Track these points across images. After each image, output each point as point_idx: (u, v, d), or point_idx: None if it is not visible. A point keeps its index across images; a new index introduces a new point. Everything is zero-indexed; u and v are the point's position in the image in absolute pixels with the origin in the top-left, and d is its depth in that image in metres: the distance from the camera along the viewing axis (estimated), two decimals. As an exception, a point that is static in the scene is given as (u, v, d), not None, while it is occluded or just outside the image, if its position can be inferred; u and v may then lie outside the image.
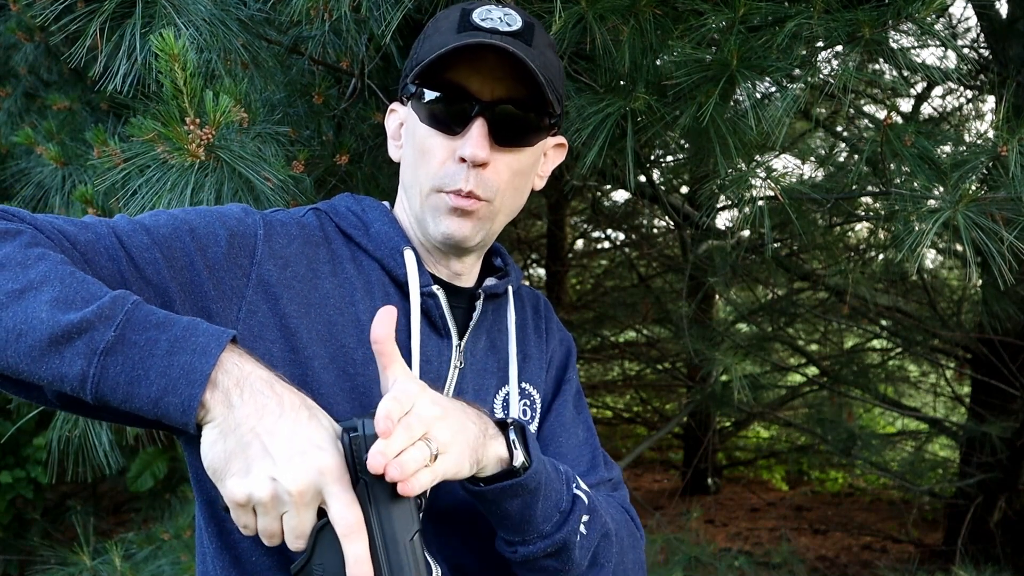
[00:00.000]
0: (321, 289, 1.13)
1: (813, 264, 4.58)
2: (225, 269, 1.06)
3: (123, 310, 0.88)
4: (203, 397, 0.86)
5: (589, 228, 7.38)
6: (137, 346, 0.87)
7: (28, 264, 0.90)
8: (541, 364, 1.33)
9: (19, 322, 0.86)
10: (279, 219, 1.16)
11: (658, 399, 8.31)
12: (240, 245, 1.09)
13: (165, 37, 1.27)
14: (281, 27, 1.91)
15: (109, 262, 0.99)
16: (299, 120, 2.06)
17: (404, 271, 1.17)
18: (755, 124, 1.84)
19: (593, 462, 1.32)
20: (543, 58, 1.14)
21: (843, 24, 1.72)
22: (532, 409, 1.28)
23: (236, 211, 1.14)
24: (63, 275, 0.89)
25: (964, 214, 1.79)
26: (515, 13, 1.15)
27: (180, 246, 1.04)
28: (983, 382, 4.91)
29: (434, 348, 1.18)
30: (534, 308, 1.38)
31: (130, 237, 1.02)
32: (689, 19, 1.83)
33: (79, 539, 2.85)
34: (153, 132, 1.40)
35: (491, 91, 1.12)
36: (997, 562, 4.63)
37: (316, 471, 0.86)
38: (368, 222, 1.21)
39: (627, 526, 1.27)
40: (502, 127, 1.13)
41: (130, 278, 1.00)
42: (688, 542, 4.26)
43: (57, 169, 2.52)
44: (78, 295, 0.88)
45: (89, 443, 1.99)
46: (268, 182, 1.54)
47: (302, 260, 1.13)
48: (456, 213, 1.14)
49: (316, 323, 1.11)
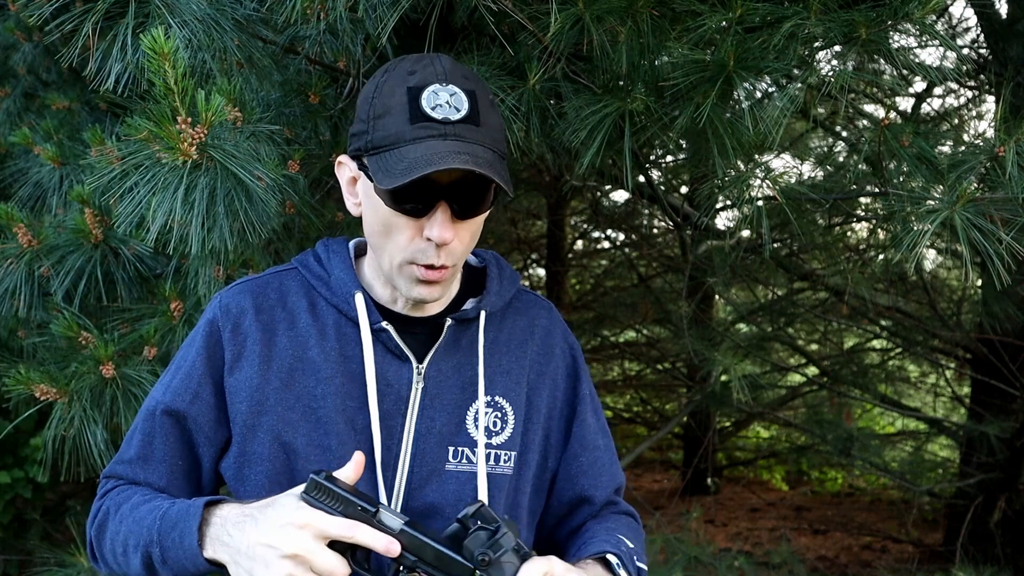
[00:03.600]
0: (278, 344, 1.33)
1: (813, 264, 4.57)
2: (209, 414, 1.34)
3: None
4: (207, 556, 1.19)
5: (589, 228, 7.38)
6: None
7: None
8: (520, 379, 1.41)
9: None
10: (228, 308, 1.36)
11: (658, 399, 8.31)
12: (213, 384, 1.34)
13: (155, 36, 1.28)
14: (277, 27, 1.91)
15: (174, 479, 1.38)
16: (295, 120, 2.06)
17: (356, 313, 1.33)
18: (752, 125, 1.84)
19: (612, 472, 1.50)
20: (490, 132, 1.23)
21: (839, 24, 1.72)
22: (503, 420, 1.38)
23: (197, 348, 1.35)
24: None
25: (962, 214, 1.79)
26: (459, 91, 1.21)
27: (178, 446, 1.36)
28: (983, 382, 4.90)
29: (394, 372, 1.33)
30: (530, 322, 1.46)
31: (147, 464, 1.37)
32: (686, 20, 1.83)
33: (77, 540, 2.85)
34: (145, 131, 1.41)
35: (448, 176, 1.21)
36: (997, 562, 4.64)
37: (298, 525, 1.11)
38: (330, 271, 1.38)
39: (639, 541, 1.47)
40: (461, 205, 1.23)
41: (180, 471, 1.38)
42: (688, 542, 4.26)
43: (55, 169, 2.52)
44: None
45: (84, 442, 1.99)
46: (260, 182, 1.54)
47: (255, 328, 1.34)
48: (426, 283, 1.27)
49: (279, 373, 1.32)
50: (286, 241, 2.19)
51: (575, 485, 1.46)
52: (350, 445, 1.29)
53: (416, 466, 1.32)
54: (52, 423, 1.99)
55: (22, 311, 2.22)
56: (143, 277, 2.24)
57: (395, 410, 1.32)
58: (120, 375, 2.03)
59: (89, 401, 1.98)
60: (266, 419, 1.31)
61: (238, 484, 1.35)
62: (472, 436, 1.35)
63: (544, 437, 1.43)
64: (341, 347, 1.33)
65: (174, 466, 1.36)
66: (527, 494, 1.42)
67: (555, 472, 1.46)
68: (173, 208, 1.49)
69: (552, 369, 1.46)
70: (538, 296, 1.53)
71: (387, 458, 1.32)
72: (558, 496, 1.47)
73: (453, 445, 1.34)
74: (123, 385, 2.02)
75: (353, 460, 1.19)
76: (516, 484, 1.39)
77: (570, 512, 1.49)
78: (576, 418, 1.47)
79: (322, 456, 1.29)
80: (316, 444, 1.30)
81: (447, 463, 1.34)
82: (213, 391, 1.34)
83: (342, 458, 1.24)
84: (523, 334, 1.44)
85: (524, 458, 1.40)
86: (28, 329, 2.41)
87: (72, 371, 2.03)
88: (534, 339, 1.45)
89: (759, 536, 6.42)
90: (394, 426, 1.32)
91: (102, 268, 2.19)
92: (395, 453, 1.32)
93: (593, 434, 1.48)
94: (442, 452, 1.34)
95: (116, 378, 2.02)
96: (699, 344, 4.21)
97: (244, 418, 1.32)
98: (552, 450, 1.45)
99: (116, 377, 2.02)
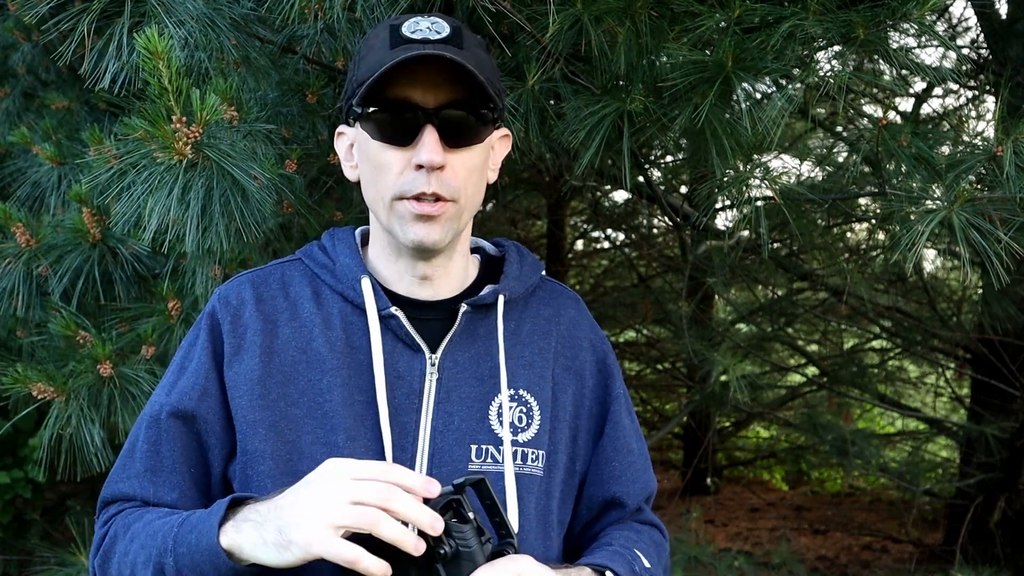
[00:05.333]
0: (281, 336, 1.26)
1: (813, 264, 4.57)
2: (220, 411, 1.25)
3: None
4: (224, 545, 1.07)
5: (589, 228, 7.37)
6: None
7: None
8: (545, 372, 1.32)
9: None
10: (228, 299, 1.29)
11: (658, 399, 8.29)
12: (219, 379, 1.26)
13: (149, 35, 1.28)
14: (274, 26, 1.91)
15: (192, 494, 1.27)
16: (293, 119, 2.06)
17: (362, 299, 1.25)
18: (751, 125, 1.83)
19: (645, 480, 1.40)
20: (476, 57, 1.20)
21: (837, 25, 1.72)
22: (529, 416, 1.28)
23: (201, 343, 1.28)
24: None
25: (959, 214, 1.79)
26: (441, 20, 1.21)
27: (191, 449, 1.26)
28: (983, 382, 4.90)
29: (405, 363, 1.25)
30: (555, 312, 1.37)
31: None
32: (684, 20, 1.83)
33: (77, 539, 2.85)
34: (140, 130, 1.41)
35: (434, 98, 1.18)
36: (997, 562, 4.63)
37: (338, 465, 1.06)
38: (335, 257, 1.31)
39: (661, 558, 1.37)
40: (451, 130, 1.19)
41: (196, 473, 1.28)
42: (688, 542, 4.26)
43: (53, 168, 2.52)
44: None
45: (81, 441, 1.99)
46: (256, 181, 1.54)
47: (256, 319, 1.26)
48: (423, 220, 1.20)
49: (281, 366, 1.24)
50: (285, 241, 2.19)
51: (606, 491, 1.35)
52: (359, 442, 1.20)
53: (435, 466, 1.21)
54: (49, 422, 1.99)
55: (20, 310, 2.22)
56: (141, 276, 2.24)
57: (408, 404, 1.23)
58: (118, 374, 2.02)
59: (86, 400, 1.98)
60: (268, 414, 1.21)
61: (242, 486, 1.24)
62: (496, 433, 1.24)
63: (571, 438, 1.33)
64: (348, 337, 1.25)
65: (186, 475, 1.24)
66: (557, 499, 1.30)
67: (583, 477, 1.36)
68: (169, 207, 1.48)
69: (579, 364, 1.35)
70: (565, 287, 1.44)
71: (401, 458, 1.21)
72: (587, 503, 1.36)
73: (476, 443, 1.23)
74: (120, 384, 2.01)
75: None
76: (547, 487, 1.28)
77: (597, 518, 1.39)
78: (609, 419, 1.36)
79: (328, 453, 1.16)
80: (322, 441, 1.20)
81: (470, 463, 1.22)
82: (219, 387, 1.25)
83: (351, 455, 1.15)
84: (547, 325, 1.35)
85: (553, 459, 1.29)
86: (26, 328, 2.41)
87: (70, 370, 2.03)
88: (559, 330, 1.35)
89: (759, 536, 6.41)
90: (408, 422, 1.22)
91: (100, 267, 2.19)
92: (410, 453, 1.22)
93: (627, 437, 1.37)
94: (464, 451, 1.23)
95: (114, 377, 2.02)
96: (699, 344, 4.21)
97: (245, 413, 1.22)
98: (580, 453, 1.34)
99: (114, 376, 2.02)
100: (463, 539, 1.07)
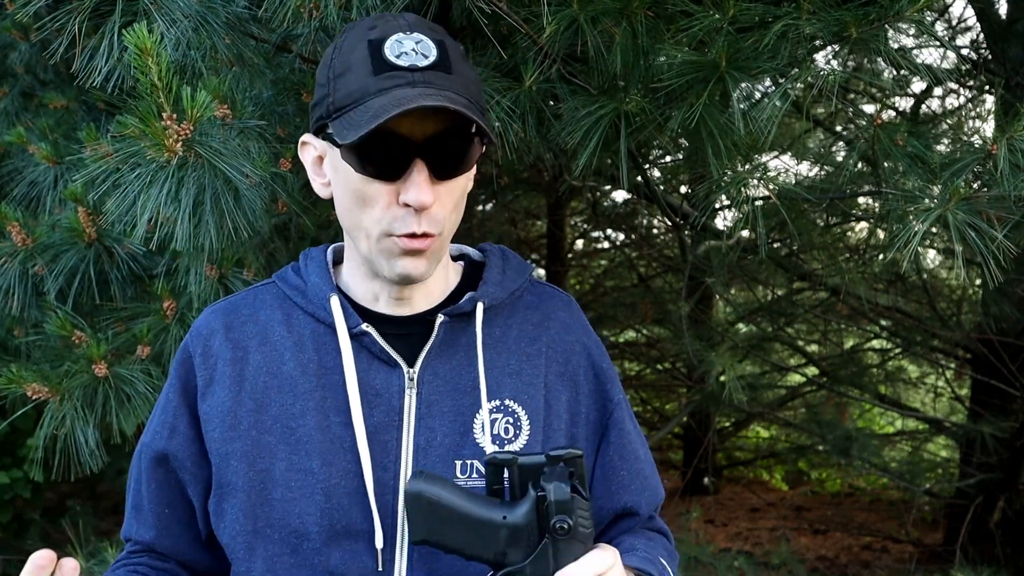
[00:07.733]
0: (251, 363, 1.22)
1: (812, 264, 4.57)
2: (190, 448, 1.23)
3: None
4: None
5: (589, 228, 7.38)
6: None
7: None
8: (535, 379, 1.25)
9: None
10: (199, 330, 1.26)
11: (658, 399, 8.29)
12: (189, 414, 1.23)
13: (138, 32, 1.27)
14: (269, 25, 1.91)
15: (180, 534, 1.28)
16: (288, 118, 2.06)
17: (333, 319, 1.20)
18: (743, 125, 1.83)
19: (654, 487, 1.36)
20: (464, 80, 1.10)
21: (830, 24, 1.71)
22: (516, 427, 1.22)
23: (170, 379, 1.26)
24: None
25: (955, 213, 1.79)
26: (424, 38, 1.09)
27: (171, 492, 1.26)
28: (983, 382, 4.89)
29: (383, 380, 1.19)
30: (544, 316, 1.30)
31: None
32: (679, 20, 1.83)
33: (74, 540, 2.86)
34: (131, 128, 1.41)
35: (422, 130, 1.08)
36: (997, 562, 4.63)
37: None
38: (307, 279, 1.26)
39: (674, 567, 1.33)
40: (440, 163, 1.10)
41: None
42: (688, 542, 4.26)
43: (50, 168, 2.52)
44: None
45: (75, 441, 1.99)
46: (248, 179, 1.53)
47: (226, 348, 1.23)
48: (410, 254, 1.13)
49: (252, 393, 1.20)
50: (280, 242, 2.19)
51: (616, 503, 1.30)
52: (337, 466, 1.15)
53: None
54: (44, 422, 1.99)
55: (16, 310, 2.22)
56: (137, 276, 2.24)
57: (387, 423, 1.17)
58: (113, 374, 2.02)
59: (81, 400, 1.98)
60: (239, 445, 1.17)
61: (217, 520, 1.20)
62: (481, 446, 1.18)
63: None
64: (320, 358, 1.20)
65: (161, 515, 1.24)
66: None
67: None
68: (160, 204, 1.48)
69: (572, 370, 1.28)
70: (556, 289, 1.36)
71: (383, 478, 1.15)
72: (597, 515, 1.29)
73: (460, 458, 1.18)
74: (115, 384, 2.01)
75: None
76: None
77: (607, 528, 1.32)
78: (613, 426, 1.30)
79: (304, 480, 1.14)
80: (296, 468, 1.15)
81: (455, 479, 1.16)
82: (189, 422, 1.22)
83: (327, 481, 1.14)
84: (535, 330, 1.28)
85: None
86: (22, 328, 2.41)
87: (65, 370, 2.02)
88: (549, 335, 1.28)
89: (759, 536, 6.41)
90: (388, 441, 1.17)
91: (96, 267, 2.19)
92: (392, 472, 1.16)
93: (634, 444, 1.32)
94: (448, 467, 1.17)
95: (109, 377, 2.01)
96: (698, 344, 4.20)
97: (217, 446, 1.18)
98: None
99: (109, 376, 2.01)
100: (583, 518, 1.01)
